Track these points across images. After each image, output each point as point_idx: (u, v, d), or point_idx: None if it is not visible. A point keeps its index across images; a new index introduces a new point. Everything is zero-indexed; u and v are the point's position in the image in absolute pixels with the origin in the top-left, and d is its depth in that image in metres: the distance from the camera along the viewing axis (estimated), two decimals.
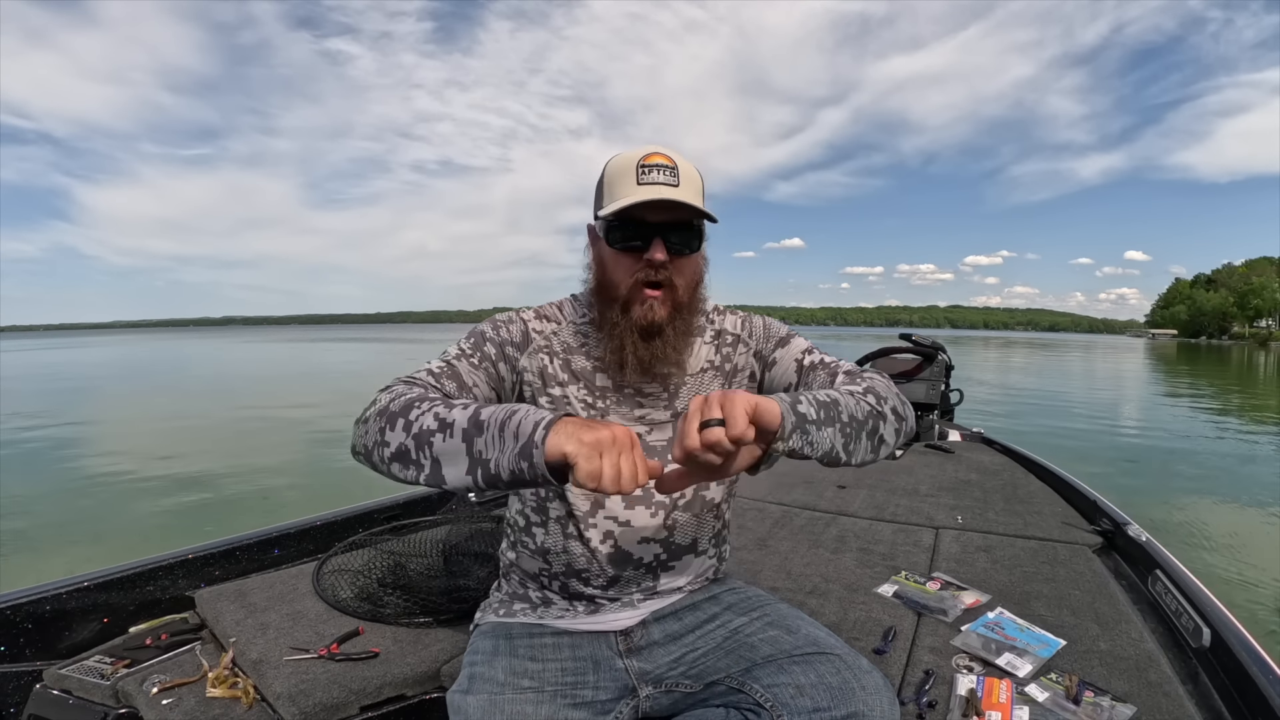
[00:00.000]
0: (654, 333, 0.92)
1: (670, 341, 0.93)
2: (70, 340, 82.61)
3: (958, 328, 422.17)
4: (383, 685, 1.09)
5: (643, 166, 0.88)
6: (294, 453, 7.28)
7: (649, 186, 0.88)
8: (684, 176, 0.90)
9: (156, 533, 4.36)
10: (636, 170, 0.88)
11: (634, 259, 0.91)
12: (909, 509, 2.04)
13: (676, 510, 0.99)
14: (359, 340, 58.26)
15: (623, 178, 0.89)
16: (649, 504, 0.97)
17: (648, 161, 0.89)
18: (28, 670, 1.20)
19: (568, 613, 1.00)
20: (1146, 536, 1.60)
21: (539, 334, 0.98)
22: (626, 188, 0.89)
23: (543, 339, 0.98)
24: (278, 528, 1.65)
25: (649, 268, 0.90)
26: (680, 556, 1.01)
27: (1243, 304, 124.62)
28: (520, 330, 0.98)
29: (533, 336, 0.98)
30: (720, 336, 1.05)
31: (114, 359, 30.23)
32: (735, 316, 1.08)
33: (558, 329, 1.00)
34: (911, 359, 3.63)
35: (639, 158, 0.89)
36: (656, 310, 0.91)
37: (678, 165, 0.89)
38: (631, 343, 0.92)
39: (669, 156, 0.89)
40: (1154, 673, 1.10)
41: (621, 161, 0.91)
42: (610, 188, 0.91)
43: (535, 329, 0.98)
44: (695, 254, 0.94)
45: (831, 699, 0.84)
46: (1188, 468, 6.62)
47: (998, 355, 36.70)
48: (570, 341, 0.99)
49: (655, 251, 0.89)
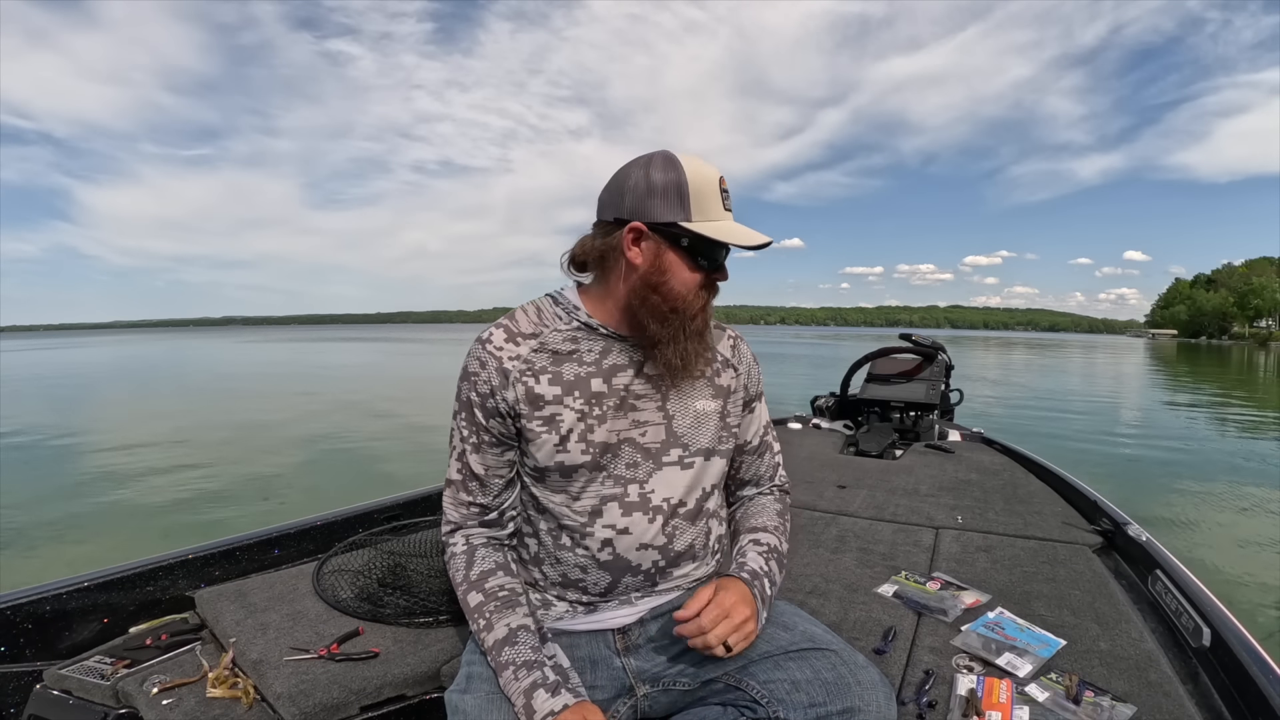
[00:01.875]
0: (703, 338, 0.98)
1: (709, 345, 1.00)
2: (70, 340, 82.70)
3: (958, 328, 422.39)
4: (383, 685, 1.09)
5: (725, 191, 0.92)
6: (294, 453, 7.28)
7: (738, 225, 0.92)
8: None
9: (156, 533, 4.37)
10: (721, 196, 0.91)
11: (705, 275, 0.94)
12: (909, 509, 2.04)
13: (676, 518, 0.98)
14: (359, 340, 58.31)
15: (710, 197, 0.90)
16: (646, 510, 0.96)
17: (724, 185, 0.92)
18: (28, 670, 1.20)
19: (566, 614, 0.99)
20: (1146, 536, 1.59)
21: (514, 361, 0.94)
22: (716, 210, 0.91)
23: (521, 363, 0.94)
24: (278, 528, 1.65)
25: (715, 286, 0.96)
26: (679, 563, 1.00)
27: (1243, 304, 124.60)
28: (496, 369, 0.94)
29: (508, 368, 0.93)
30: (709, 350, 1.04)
31: (114, 359, 30.26)
32: (726, 335, 1.07)
33: (540, 343, 0.95)
34: (911, 359, 3.64)
35: (717, 176, 0.91)
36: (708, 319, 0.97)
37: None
38: (693, 347, 0.95)
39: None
40: (1154, 672, 1.10)
41: (704, 176, 0.90)
42: (699, 201, 0.89)
43: (509, 357, 0.94)
44: None
45: (827, 694, 0.84)
46: (1188, 467, 6.62)
47: (998, 355, 36.70)
48: (558, 349, 0.95)
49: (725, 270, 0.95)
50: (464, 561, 0.97)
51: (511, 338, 0.96)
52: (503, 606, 0.91)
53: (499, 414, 0.95)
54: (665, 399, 0.98)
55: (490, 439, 0.97)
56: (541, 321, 0.97)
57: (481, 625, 0.91)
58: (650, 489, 0.96)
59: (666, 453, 0.97)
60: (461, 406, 0.98)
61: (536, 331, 0.96)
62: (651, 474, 0.96)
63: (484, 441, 0.97)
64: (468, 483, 0.98)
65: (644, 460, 0.96)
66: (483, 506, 0.99)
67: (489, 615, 0.91)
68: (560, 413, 0.93)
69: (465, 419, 0.97)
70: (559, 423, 0.93)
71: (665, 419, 0.97)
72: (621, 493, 0.95)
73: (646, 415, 0.97)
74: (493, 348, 0.95)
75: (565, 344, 0.96)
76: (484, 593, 0.93)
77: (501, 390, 0.94)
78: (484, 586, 0.94)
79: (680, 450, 0.98)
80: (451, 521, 1.00)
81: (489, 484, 0.98)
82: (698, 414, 0.99)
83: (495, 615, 0.91)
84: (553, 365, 0.95)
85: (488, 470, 0.98)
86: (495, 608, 0.91)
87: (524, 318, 0.98)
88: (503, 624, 0.89)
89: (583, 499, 0.95)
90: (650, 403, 0.97)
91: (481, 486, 0.98)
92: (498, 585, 0.94)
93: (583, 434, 0.93)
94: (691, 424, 0.99)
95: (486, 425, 0.96)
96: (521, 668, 0.85)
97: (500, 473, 0.99)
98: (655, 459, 0.97)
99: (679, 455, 0.98)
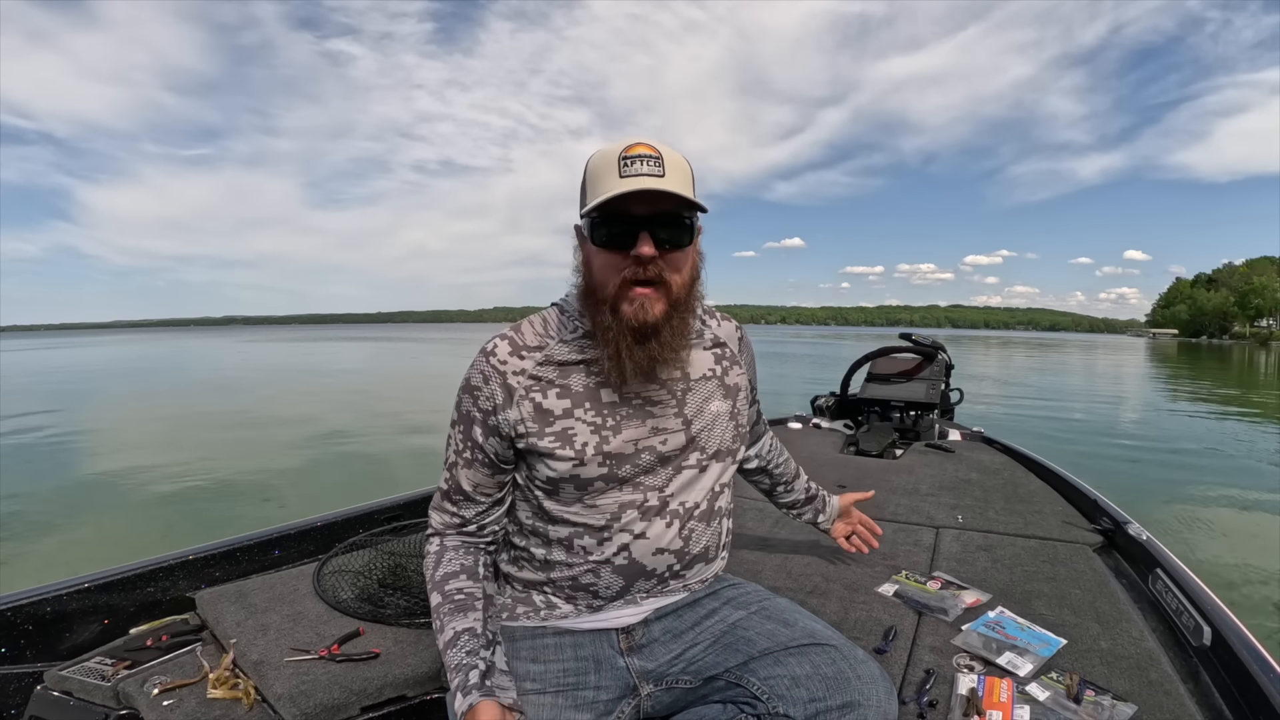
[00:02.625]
0: (648, 334, 0.86)
1: (667, 343, 0.88)
2: (71, 340, 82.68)
3: (958, 327, 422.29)
4: (383, 686, 1.09)
5: (625, 158, 0.83)
6: (295, 453, 7.28)
7: (633, 178, 0.82)
8: (670, 166, 0.84)
9: (157, 533, 4.36)
10: (619, 163, 0.83)
11: (621, 256, 0.85)
12: (909, 508, 2.04)
13: (692, 520, 0.97)
14: (360, 339, 58.30)
15: (605, 172, 0.84)
16: (664, 514, 0.95)
17: (630, 153, 0.83)
18: (29, 671, 1.20)
19: (571, 614, 0.99)
20: (1147, 535, 1.59)
21: (518, 376, 0.91)
22: (609, 182, 0.83)
23: (526, 379, 0.91)
24: (278, 528, 1.65)
25: (636, 264, 0.85)
26: (693, 565, 1.00)
27: (1243, 303, 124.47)
28: (499, 386, 0.91)
29: (512, 385, 0.91)
30: (718, 345, 1.04)
31: (114, 358, 30.25)
32: (733, 328, 1.07)
33: (545, 355, 0.93)
34: (911, 358, 3.64)
35: (621, 149, 0.84)
36: (649, 309, 0.85)
37: (663, 155, 0.84)
38: (626, 346, 0.86)
39: (653, 146, 0.84)
40: (1155, 671, 1.10)
41: (603, 155, 0.85)
42: (593, 184, 0.85)
43: (513, 372, 0.91)
44: (688, 248, 0.88)
45: (827, 689, 0.84)
46: (1188, 466, 6.61)
47: (998, 355, 36.69)
48: (565, 360, 0.93)
49: (642, 246, 0.83)
50: (433, 562, 0.98)
51: (516, 351, 0.93)
52: (454, 610, 0.91)
53: (498, 434, 0.93)
54: (682, 404, 0.96)
55: (484, 458, 0.95)
56: (547, 333, 0.95)
57: (436, 626, 0.92)
58: (670, 493, 0.95)
59: (686, 458, 0.96)
60: (460, 419, 0.95)
61: (541, 344, 0.94)
62: (670, 479, 0.95)
63: (476, 459, 0.95)
64: (453, 496, 0.98)
65: (663, 467, 0.95)
66: (464, 520, 0.99)
67: (443, 617, 0.91)
68: (573, 426, 0.91)
69: (462, 432, 0.95)
70: (572, 437, 0.91)
71: (684, 425, 0.96)
72: (641, 499, 0.94)
73: (666, 422, 0.94)
74: (496, 361, 0.92)
75: (572, 354, 0.93)
76: (442, 594, 0.93)
77: (504, 409, 0.91)
78: (444, 589, 0.94)
79: (699, 454, 0.97)
80: (433, 527, 1.01)
81: (475, 500, 0.98)
82: (713, 416, 0.98)
83: (447, 618, 0.91)
84: (560, 378, 0.92)
85: (475, 488, 0.97)
86: (449, 610, 0.91)
87: (530, 330, 0.95)
88: (450, 627, 0.89)
89: (599, 506, 0.93)
90: (668, 409, 0.95)
91: (467, 502, 0.98)
92: (456, 588, 0.94)
93: (598, 446, 0.91)
94: (707, 426, 0.98)
95: (482, 444, 0.94)
96: (456, 671, 0.85)
97: (488, 491, 0.98)
98: (675, 465, 0.96)
99: (698, 460, 0.97)
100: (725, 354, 1.03)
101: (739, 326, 1.08)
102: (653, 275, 0.85)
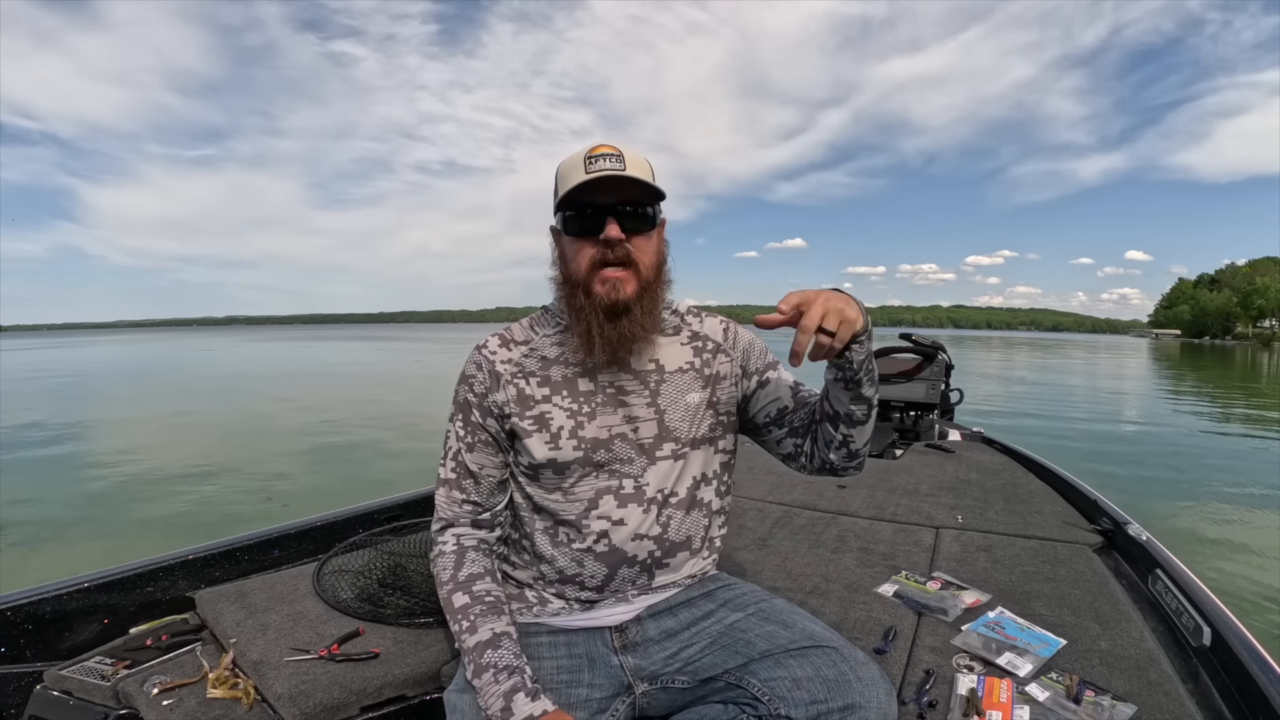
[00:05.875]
0: (619, 312, 0.93)
1: (638, 320, 0.94)
2: (73, 340, 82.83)
3: (960, 327, 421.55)
4: (383, 686, 1.09)
5: (590, 157, 0.92)
6: (295, 453, 7.29)
7: (597, 172, 0.91)
8: (630, 161, 0.93)
9: (157, 533, 4.37)
10: (584, 161, 0.92)
11: (591, 242, 0.93)
12: (909, 509, 2.04)
13: (668, 507, 1.00)
14: (363, 339, 58.36)
15: (572, 171, 0.93)
16: (641, 501, 0.98)
17: (594, 152, 0.92)
18: (28, 671, 1.20)
19: (564, 610, 1.01)
20: (1147, 536, 1.59)
21: (506, 364, 1.01)
22: (576, 177, 0.92)
23: (512, 366, 1.01)
24: (278, 528, 1.65)
25: (605, 247, 0.92)
26: (674, 554, 1.02)
27: (1246, 304, 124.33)
28: (489, 373, 1.01)
29: (499, 371, 1.00)
30: (699, 339, 1.06)
31: (116, 358, 30.31)
32: (717, 322, 1.08)
33: (530, 348, 1.02)
34: (911, 358, 3.63)
35: (586, 151, 0.93)
36: (620, 289, 0.93)
37: (623, 153, 0.93)
38: (597, 324, 0.93)
39: (614, 146, 0.93)
40: (1154, 672, 1.09)
41: (571, 158, 0.95)
42: (563, 182, 0.94)
43: (501, 361, 1.01)
44: (651, 232, 0.96)
45: (828, 691, 0.84)
46: (1189, 467, 6.60)
47: (1000, 355, 36.66)
48: (547, 354, 1.01)
49: (609, 229, 0.91)
50: (453, 561, 0.98)
51: (505, 344, 1.03)
52: (488, 611, 0.93)
53: (493, 414, 1.00)
54: (656, 394, 1.00)
55: (486, 438, 1.01)
56: (534, 330, 1.04)
57: (465, 627, 0.92)
58: (645, 480, 0.98)
59: (660, 446, 0.99)
60: (459, 408, 1.03)
61: (528, 339, 1.04)
62: (646, 468, 0.99)
63: (479, 440, 1.01)
64: (462, 480, 1.01)
65: (638, 455, 0.99)
66: (476, 504, 1.02)
67: (473, 618, 0.92)
68: (550, 411, 0.98)
69: (462, 420, 1.02)
70: (549, 420, 0.97)
71: (657, 414, 0.99)
72: (616, 485, 0.98)
73: (638, 411, 0.99)
74: (487, 352, 1.02)
75: (553, 348, 1.01)
76: (471, 595, 0.94)
77: (494, 392, 1.00)
78: (471, 589, 0.95)
79: (673, 444, 1.00)
80: (443, 519, 1.02)
81: (482, 481, 1.01)
82: (688, 406, 1.01)
83: (480, 619, 0.92)
84: (541, 369, 1.00)
85: (481, 468, 1.01)
86: (481, 611, 0.92)
87: (519, 328, 1.05)
88: (486, 628, 0.90)
89: (577, 493, 0.98)
90: (640, 398, 0.99)
91: (475, 484, 1.01)
92: (484, 590, 0.95)
93: (574, 430, 0.97)
94: (682, 416, 1.01)
95: (483, 423, 1.00)
96: (503, 671, 0.86)
97: (493, 473, 1.02)
98: (648, 453, 0.99)
99: (672, 449, 1.00)
100: (706, 346, 1.06)
101: (724, 320, 1.10)
102: (621, 256, 0.93)
